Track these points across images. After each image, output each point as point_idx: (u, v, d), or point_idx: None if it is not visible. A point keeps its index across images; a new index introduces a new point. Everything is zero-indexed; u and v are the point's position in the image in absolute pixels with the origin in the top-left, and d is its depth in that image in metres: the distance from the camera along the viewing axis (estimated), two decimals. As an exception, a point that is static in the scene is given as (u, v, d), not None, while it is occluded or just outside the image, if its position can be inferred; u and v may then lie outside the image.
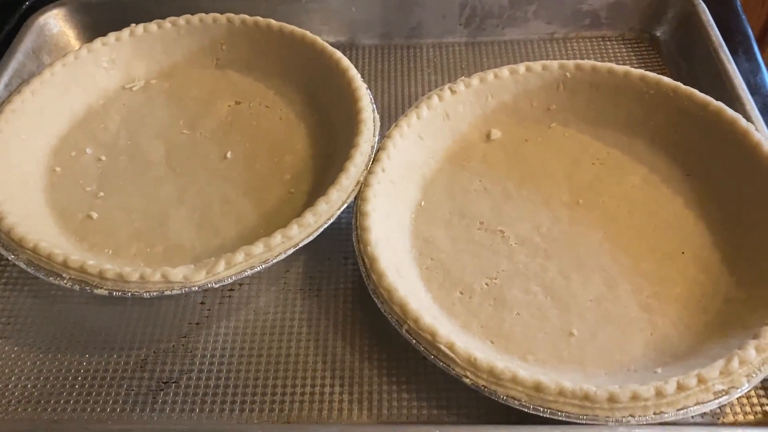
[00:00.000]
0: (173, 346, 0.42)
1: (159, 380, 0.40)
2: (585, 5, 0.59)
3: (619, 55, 0.59)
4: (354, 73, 0.52)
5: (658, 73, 0.55)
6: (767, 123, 0.48)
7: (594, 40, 0.60)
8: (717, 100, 0.48)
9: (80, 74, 0.54)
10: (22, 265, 0.42)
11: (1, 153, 0.48)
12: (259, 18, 0.56)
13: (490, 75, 0.51)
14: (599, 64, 0.51)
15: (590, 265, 0.44)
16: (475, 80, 0.51)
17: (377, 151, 0.47)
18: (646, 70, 0.52)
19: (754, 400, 0.39)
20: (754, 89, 0.50)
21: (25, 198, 0.47)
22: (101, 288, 0.40)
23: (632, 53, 0.58)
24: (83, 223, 0.47)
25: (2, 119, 0.49)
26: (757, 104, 0.49)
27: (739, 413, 0.38)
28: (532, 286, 0.43)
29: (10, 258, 0.42)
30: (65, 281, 0.41)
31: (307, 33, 0.55)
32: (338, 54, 0.53)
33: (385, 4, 0.59)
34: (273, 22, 0.56)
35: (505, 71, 0.51)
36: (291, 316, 0.43)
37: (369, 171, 0.46)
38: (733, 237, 0.44)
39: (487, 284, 0.43)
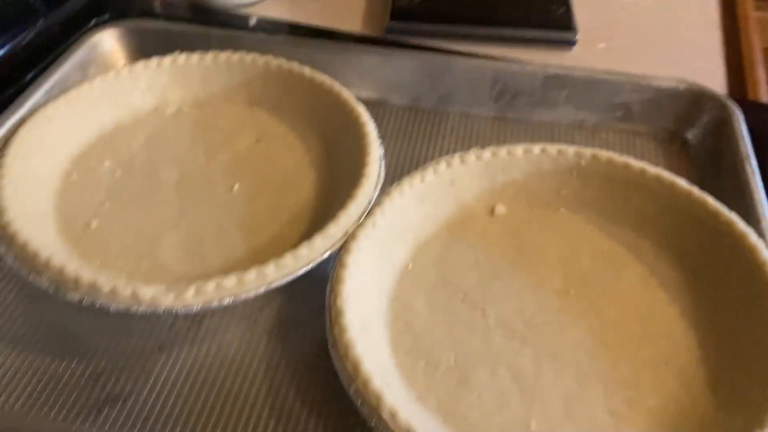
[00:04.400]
0: (131, 364, 0.42)
1: (108, 395, 0.41)
2: (618, 98, 0.58)
3: (646, 152, 0.57)
4: (370, 128, 0.52)
5: (684, 176, 0.54)
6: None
7: (624, 133, 0.59)
8: (736, 212, 0.46)
9: (117, 92, 0.57)
10: (9, 260, 0.43)
11: (24, 151, 0.51)
12: (294, 64, 0.58)
13: (503, 150, 0.51)
14: (616, 156, 0.50)
15: (566, 359, 0.42)
16: (487, 153, 0.51)
17: (373, 206, 0.47)
18: (671, 171, 0.51)
19: None
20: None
21: (34, 196, 0.49)
22: (74, 293, 0.41)
23: (660, 152, 0.57)
24: (82, 230, 0.49)
25: (33, 121, 0.52)
26: (776, 223, 0.46)
27: None
28: (500, 369, 0.42)
29: (0, 251, 0.44)
30: (44, 281, 0.42)
31: (336, 84, 0.56)
32: (360, 108, 0.54)
33: (418, 70, 0.60)
34: (307, 69, 0.58)
35: (519, 149, 0.51)
36: (253, 355, 0.43)
37: (360, 224, 0.46)
38: (723, 357, 0.41)
39: (455, 360, 0.42)
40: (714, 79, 0.66)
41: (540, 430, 0.39)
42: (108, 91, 0.57)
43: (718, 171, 0.52)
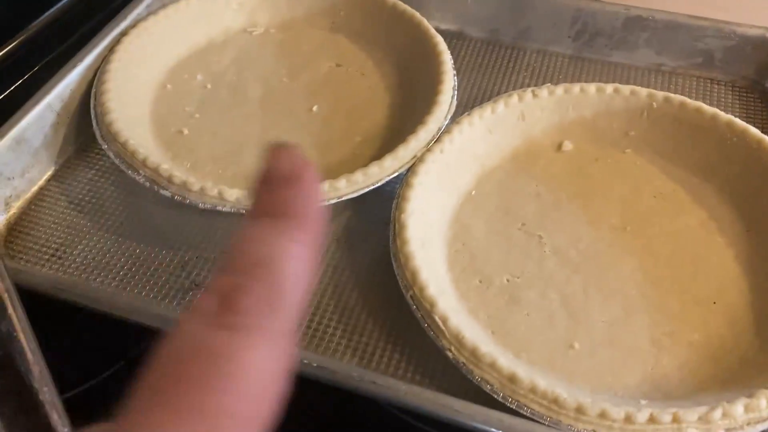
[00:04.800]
0: (214, 257, 0.47)
1: (193, 281, 0.45)
2: (701, 43, 0.57)
3: (723, 99, 0.57)
4: (447, 57, 0.54)
5: (759, 126, 0.54)
6: None
7: (702, 80, 0.58)
8: (807, 164, 0.46)
9: (211, 10, 0.61)
10: (111, 156, 0.48)
11: (126, 61, 0.55)
12: (377, -8, 0.60)
13: (576, 88, 0.52)
14: (689, 100, 0.50)
15: (615, 289, 0.44)
16: (559, 89, 0.52)
17: (442, 133, 0.49)
18: (747, 120, 0.51)
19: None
20: None
21: (133, 102, 0.54)
22: (167, 190, 0.46)
23: (738, 101, 0.56)
24: (174, 136, 0.53)
25: (135, 33, 0.57)
26: None
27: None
28: (551, 293, 0.44)
29: (104, 147, 0.49)
30: (140, 177, 0.47)
31: (416, 13, 0.58)
32: (438, 38, 0.56)
33: (498, 3, 0.61)
34: (389, -2, 0.59)
35: (592, 87, 0.52)
36: (322, 259, 0.47)
37: (428, 149, 0.48)
38: (772, 303, 0.42)
39: (508, 280, 0.45)
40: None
41: (582, 351, 0.41)
42: (202, 9, 0.60)
43: (795, 123, 0.52)
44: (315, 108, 0.56)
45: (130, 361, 0.44)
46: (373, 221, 0.49)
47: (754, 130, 0.48)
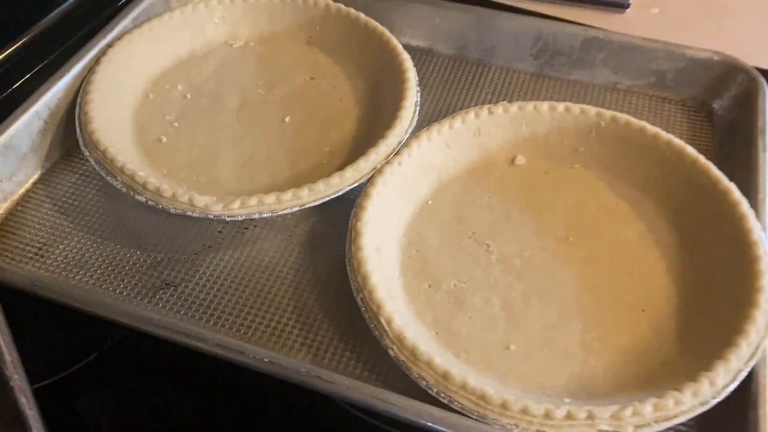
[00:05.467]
0: (184, 258, 0.50)
1: (164, 281, 0.49)
2: (654, 64, 0.61)
3: (673, 118, 0.60)
4: (411, 75, 0.58)
5: (704, 145, 0.57)
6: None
7: (654, 99, 0.61)
8: (741, 182, 0.49)
9: (194, 23, 0.64)
10: (92, 162, 0.52)
11: (111, 72, 0.59)
12: (351, 9, 0.63)
13: (529, 105, 0.55)
14: (634, 120, 0.53)
15: (553, 296, 0.47)
16: (514, 107, 0.55)
17: (402, 147, 0.53)
18: (693, 139, 0.55)
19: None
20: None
21: (116, 111, 0.57)
22: (141, 195, 0.49)
23: (686, 121, 0.60)
24: (153, 143, 0.57)
25: (120, 45, 0.60)
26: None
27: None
28: (493, 298, 0.47)
29: (86, 153, 0.52)
30: (118, 183, 0.50)
31: (386, 31, 0.61)
32: (405, 56, 0.59)
33: (465, 21, 0.64)
34: (362, 15, 0.63)
35: (545, 106, 0.55)
36: (284, 263, 0.50)
37: (387, 161, 0.52)
38: (696, 312, 0.46)
39: (455, 285, 0.48)
40: (761, 55, 0.67)
41: (517, 352, 0.45)
42: (186, 22, 0.64)
43: (734, 143, 0.55)
44: (287, 119, 0.59)
45: (102, 353, 0.47)
46: (336, 228, 0.52)
47: (691, 150, 0.51)
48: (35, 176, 0.55)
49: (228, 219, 0.48)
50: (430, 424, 0.39)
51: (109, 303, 0.45)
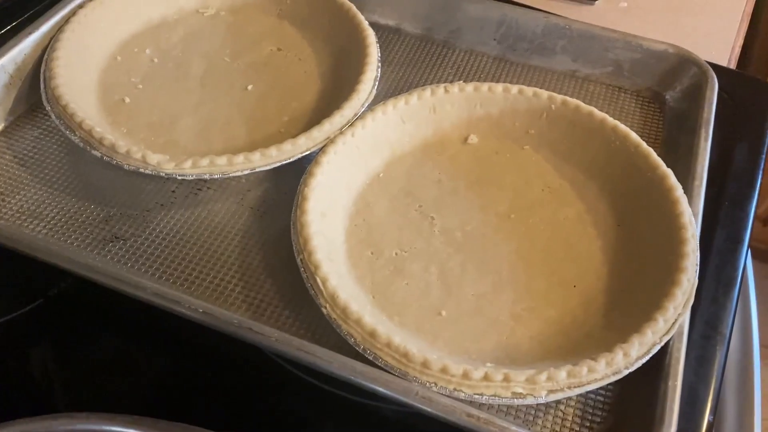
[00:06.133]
0: (136, 214, 0.52)
1: (115, 234, 0.50)
2: (611, 53, 0.62)
3: (626, 108, 0.61)
4: (373, 50, 0.59)
5: (654, 135, 0.59)
6: (706, 205, 0.50)
7: (611, 88, 0.63)
8: (682, 170, 0.51)
9: (166, -10, 0.66)
10: (53, 117, 0.53)
11: (79, 32, 0.60)
12: (321, -17, 0.65)
13: (485, 87, 0.57)
14: (583, 105, 0.55)
15: (489, 268, 0.49)
16: (470, 87, 0.57)
17: (357, 119, 0.54)
18: (644, 127, 0.57)
19: (569, 421, 0.43)
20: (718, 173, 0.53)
21: (82, 70, 0.59)
22: (97, 151, 0.51)
23: (639, 110, 0.61)
24: (116, 103, 0.58)
25: (91, 6, 0.61)
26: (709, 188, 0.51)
27: (552, 427, 0.42)
28: (432, 267, 0.49)
29: (47, 108, 0.54)
30: (76, 138, 0.52)
31: (353, 7, 0.63)
32: (369, 31, 0.60)
33: (433, 2, 0.65)
34: (331, -10, 0.64)
35: (499, 87, 0.56)
36: (233, 225, 0.52)
37: (341, 132, 0.53)
38: (624, 289, 0.47)
39: (396, 254, 0.50)
40: (720, 50, 0.69)
41: (448, 318, 0.46)
42: (158, -13, 0.65)
43: (680, 132, 0.57)
44: (250, 87, 0.60)
45: (48, 299, 0.49)
46: (288, 195, 0.53)
47: (634, 135, 0.53)
48: (-4, 128, 0.57)
49: (179, 177, 0.50)
50: (353, 378, 0.40)
51: (55, 250, 0.46)
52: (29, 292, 0.49)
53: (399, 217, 0.52)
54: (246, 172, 0.51)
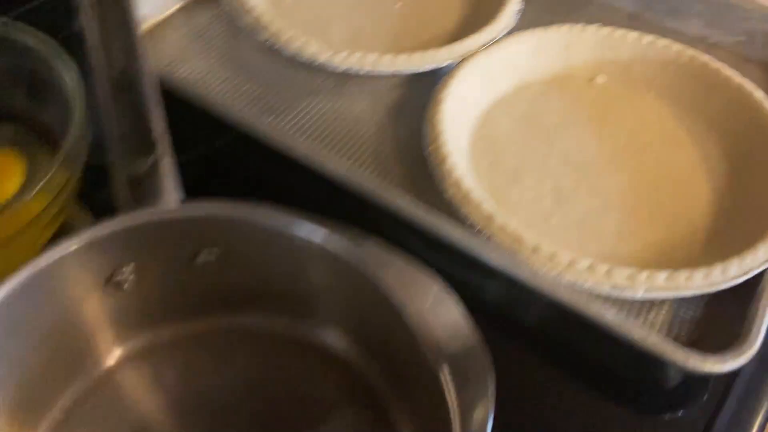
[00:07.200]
0: (286, 97, 0.58)
1: (263, 111, 0.57)
2: (746, 23, 0.64)
3: (753, 78, 0.61)
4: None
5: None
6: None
7: (739, 57, 0.64)
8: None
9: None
10: (225, 2, 0.60)
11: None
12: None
13: (619, 32, 0.60)
14: (712, 62, 0.57)
15: (599, 191, 0.52)
16: (605, 30, 0.60)
17: (493, 42, 0.59)
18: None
19: (657, 328, 0.46)
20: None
21: None
22: (262, 35, 0.57)
23: (765, 82, 0.62)
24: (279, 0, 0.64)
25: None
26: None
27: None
28: (546, 181, 0.53)
29: (223, -7, 0.60)
30: (246, 20, 0.58)
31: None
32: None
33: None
34: None
35: (633, 34, 0.60)
36: (370, 118, 0.57)
37: (478, 51, 0.58)
38: (728, 226, 0.50)
39: (515, 166, 0.54)
40: None
41: (556, 225, 0.50)
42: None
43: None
44: (398, 5, 0.66)
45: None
46: (421, 101, 0.58)
47: (759, 94, 0.55)
48: (177, 5, 0.64)
49: (330, 69, 0.56)
50: (467, 247, 0.45)
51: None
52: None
53: (520, 136, 0.56)
54: (390, 71, 0.56)
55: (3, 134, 0.51)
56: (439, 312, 0.35)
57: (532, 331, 0.46)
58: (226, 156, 0.55)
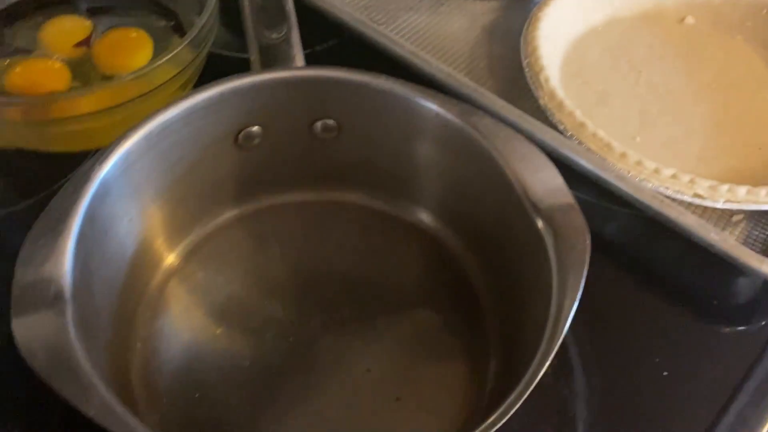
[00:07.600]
0: (387, 10, 0.61)
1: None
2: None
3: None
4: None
5: None
6: None
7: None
8: None
9: None
10: None
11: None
12: None
13: (711, -25, 0.62)
14: (805, 9, 0.59)
15: (684, 118, 0.55)
16: (696, -27, 0.62)
17: (588, -26, 0.61)
18: None
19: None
20: None
21: None
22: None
23: None
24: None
25: None
26: None
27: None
28: (633, 103, 0.55)
29: None
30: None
31: None
32: None
33: None
34: None
35: (730, -23, 0.61)
36: (466, 36, 0.60)
37: (580, -17, 0.60)
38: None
39: (602, 89, 0.56)
40: None
41: (641, 143, 0.53)
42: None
43: None
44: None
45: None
46: (516, 24, 0.60)
47: None
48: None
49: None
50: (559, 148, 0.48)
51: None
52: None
53: (609, 64, 0.59)
54: (488, -5, 0.59)
55: (137, 21, 0.56)
56: (541, 177, 0.37)
57: (614, 245, 0.49)
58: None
